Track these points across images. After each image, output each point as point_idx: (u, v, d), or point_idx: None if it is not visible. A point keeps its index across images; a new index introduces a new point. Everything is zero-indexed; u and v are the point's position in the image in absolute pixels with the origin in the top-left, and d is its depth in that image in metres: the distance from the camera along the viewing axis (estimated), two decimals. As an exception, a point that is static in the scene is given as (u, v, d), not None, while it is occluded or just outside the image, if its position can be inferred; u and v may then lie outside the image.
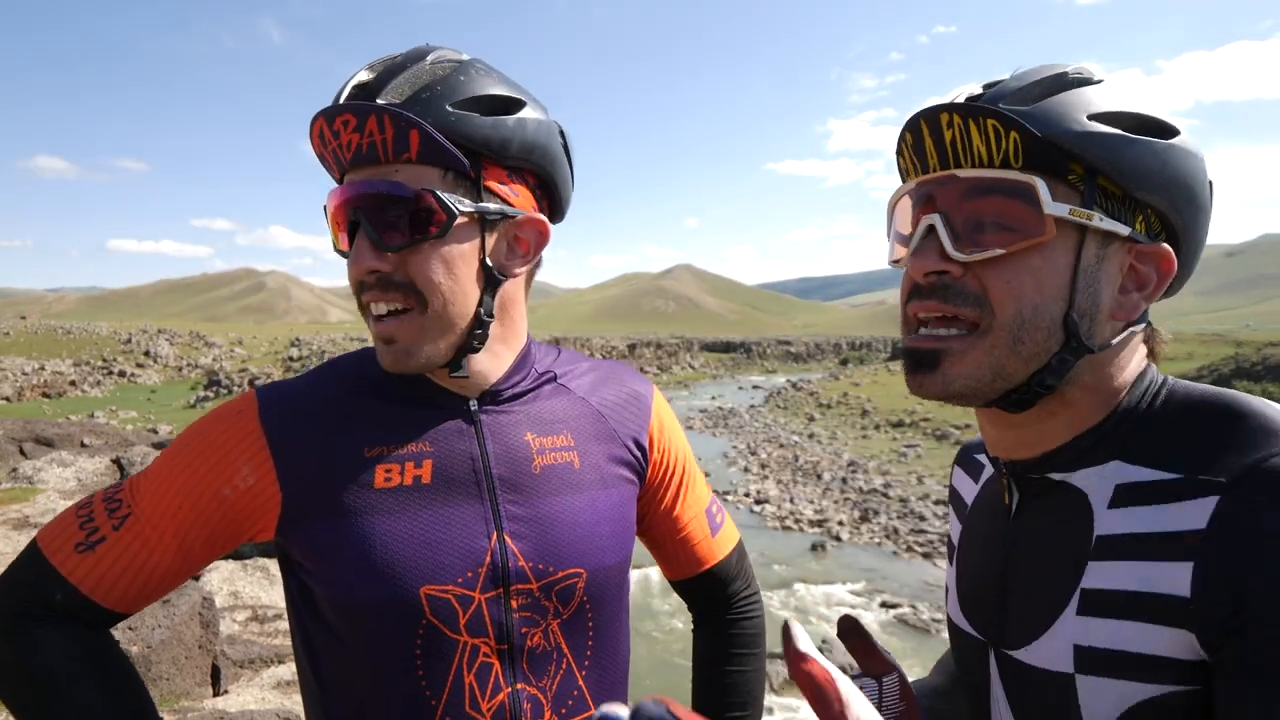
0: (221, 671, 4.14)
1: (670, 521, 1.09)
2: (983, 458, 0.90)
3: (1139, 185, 0.68)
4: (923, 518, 30.92)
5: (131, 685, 0.89)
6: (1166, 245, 0.71)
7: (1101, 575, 0.66)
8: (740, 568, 1.17)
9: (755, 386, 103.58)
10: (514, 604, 0.88)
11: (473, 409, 0.93)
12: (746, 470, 41.32)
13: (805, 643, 0.55)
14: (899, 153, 0.78)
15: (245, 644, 4.54)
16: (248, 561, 6.00)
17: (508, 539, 0.89)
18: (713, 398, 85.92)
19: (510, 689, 0.87)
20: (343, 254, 0.88)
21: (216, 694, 4.03)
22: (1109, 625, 0.65)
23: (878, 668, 0.79)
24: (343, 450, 0.88)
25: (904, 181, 0.79)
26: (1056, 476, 0.74)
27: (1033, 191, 0.67)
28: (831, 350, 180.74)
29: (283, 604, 5.50)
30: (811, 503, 33.30)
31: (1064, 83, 0.70)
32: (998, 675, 0.77)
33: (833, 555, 26.34)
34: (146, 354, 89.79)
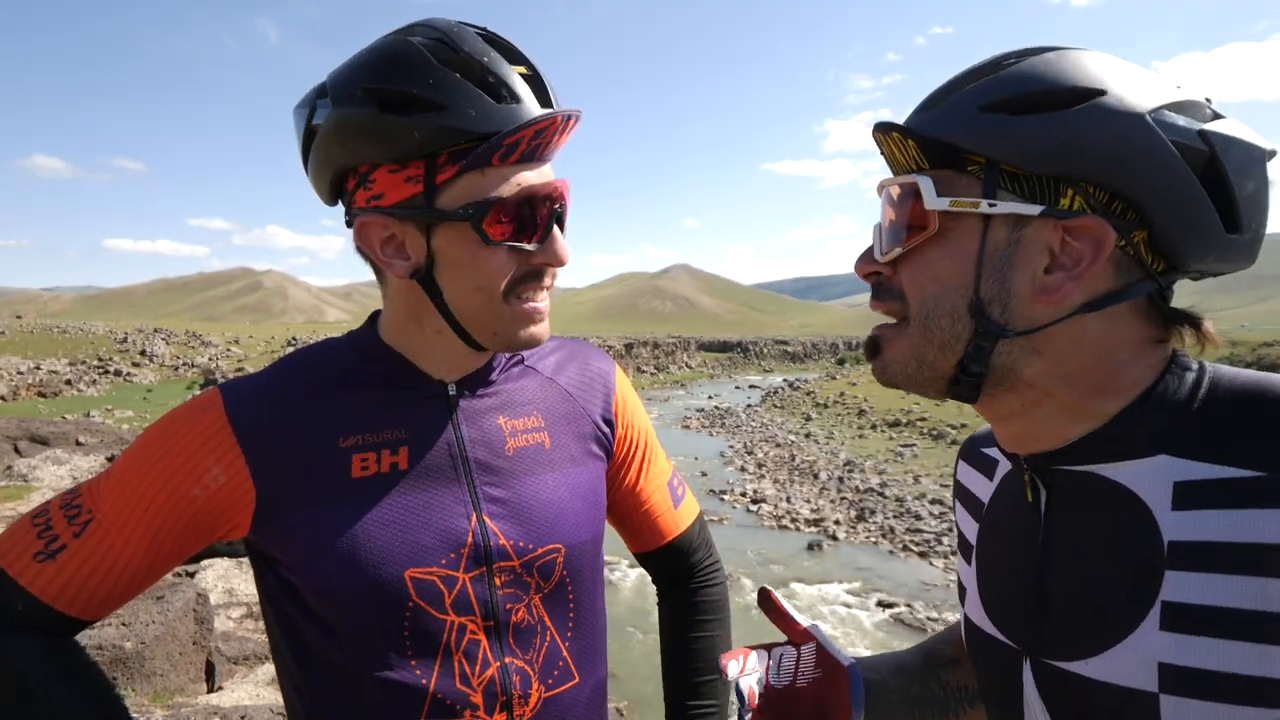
0: (216, 668, 4.14)
1: (635, 495, 1.12)
2: (994, 452, 0.89)
3: (1036, 163, 0.66)
4: (919, 517, 30.95)
5: (103, 690, 0.89)
6: (1093, 216, 0.66)
7: (1188, 588, 0.61)
8: (702, 537, 1.21)
9: (752, 386, 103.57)
10: (497, 581, 0.90)
11: (450, 393, 0.94)
12: (743, 470, 41.31)
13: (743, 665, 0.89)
14: None
15: (240, 640, 4.55)
16: (243, 559, 5.99)
17: (487, 519, 0.91)
18: (709, 397, 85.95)
19: (499, 663, 0.90)
20: (518, 245, 0.86)
21: (211, 690, 4.03)
22: (1206, 644, 0.59)
23: (797, 637, 0.93)
24: (316, 442, 0.88)
25: None
26: (1084, 469, 0.71)
27: (917, 190, 0.71)
28: (828, 350, 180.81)
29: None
30: (808, 502, 33.29)
31: (970, 77, 0.71)
32: (1033, 685, 0.72)
33: (829, 554, 26.34)
34: (143, 353, 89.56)
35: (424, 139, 0.81)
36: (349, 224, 0.90)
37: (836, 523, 29.96)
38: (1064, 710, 0.70)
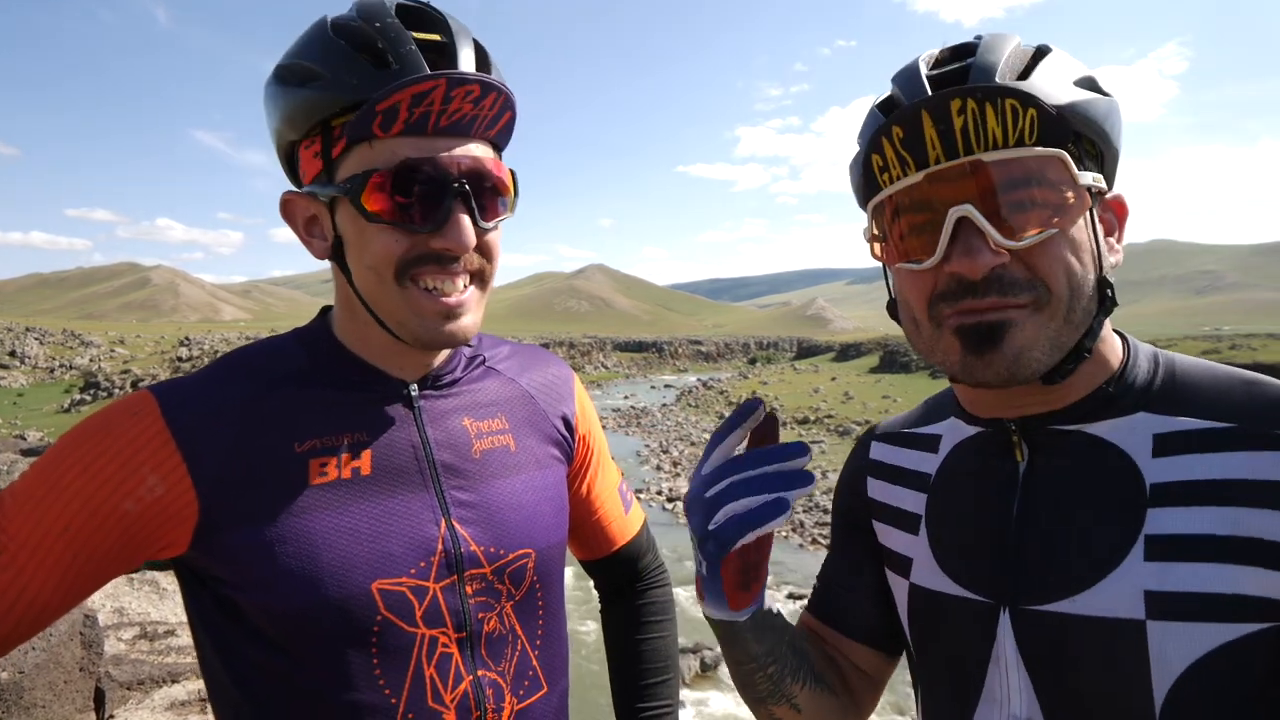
0: (106, 695, 3.87)
1: (588, 503, 1.10)
2: (934, 429, 0.89)
3: (1109, 141, 0.72)
4: (827, 511, 32.05)
5: None
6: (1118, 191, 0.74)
7: (1168, 521, 0.67)
8: (650, 540, 1.21)
9: (667, 385, 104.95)
10: (468, 590, 0.86)
11: (412, 394, 0.90)
12: (659, 469, 41.81)
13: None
14: (877, 150, 0.72)
15: (134, 664, 4.27)
16: (134, 575, 5.63)
17: (456, 525, 0.87)
18: (625, 397, 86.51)
19: (472, 676, 0.86)
20: (403, 225, 0.79)
21: None
22: (1187, 569, 0.65)
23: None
24: (268, 447, 0.81)
25: (879, 181, 0.73)
26: (1073, 427, 0.75)
27: (1063, 164, 0.67)
28: (740, 350, 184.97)
29: (174, 620, 5.22)
30: (722, 499, 33.90)
31: (1037, 52, 0.72)
32: (1011, 635, 0.74)
33: (743, 550, 26.91)
34: (12, 354, 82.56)
35: (308, 109, 0.80)
36: None
37: (750, 519, 30.63)
38: (1043, 656, 0.71)
